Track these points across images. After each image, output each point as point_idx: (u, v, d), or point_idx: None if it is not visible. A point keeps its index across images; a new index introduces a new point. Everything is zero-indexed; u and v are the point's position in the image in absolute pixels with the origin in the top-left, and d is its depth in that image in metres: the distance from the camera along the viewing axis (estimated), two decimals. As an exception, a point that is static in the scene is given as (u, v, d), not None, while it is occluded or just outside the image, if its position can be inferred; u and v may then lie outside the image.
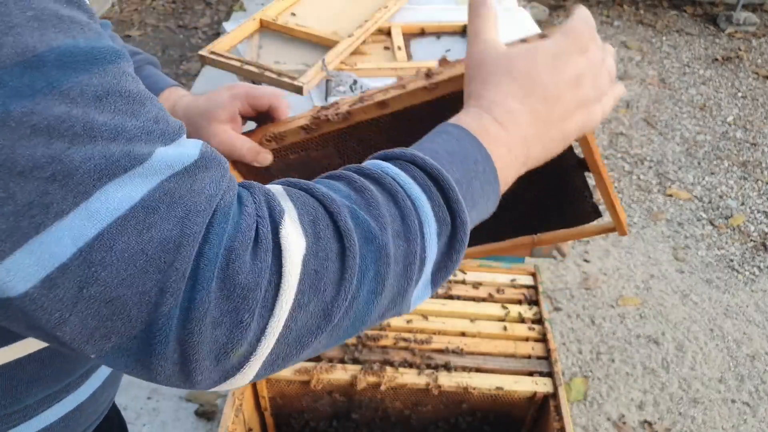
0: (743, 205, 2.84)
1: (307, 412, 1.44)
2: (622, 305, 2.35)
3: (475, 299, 1.55)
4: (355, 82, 1.50)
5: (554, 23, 4.10)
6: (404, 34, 1.79)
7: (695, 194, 2.88)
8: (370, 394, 1.36)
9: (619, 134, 3.23)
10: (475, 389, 1.33)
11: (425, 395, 1.36)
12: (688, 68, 3.81)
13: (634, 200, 2.84)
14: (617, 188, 2.87)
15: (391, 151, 0.51)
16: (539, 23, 3.52)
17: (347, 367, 1.34)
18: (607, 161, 3.03)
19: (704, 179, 2.97)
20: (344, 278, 0.43)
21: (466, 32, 1.45)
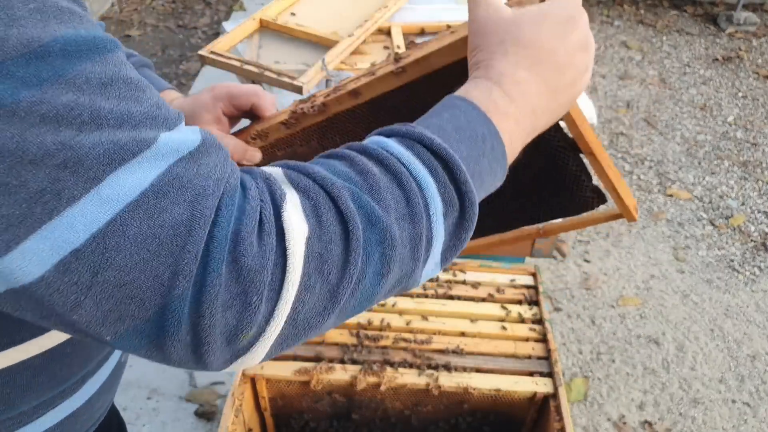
0: (744, 205, 2.83)
1: (307, 412, 1.44)
2: (622, 305, 2.35)
3: (475, 299, 1.54)
4: (355, 82, 1.50)
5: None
6: (404, 34, 1.79)
7: (696, 194, 2.88)
8: (370, 394, 1.36)
9: (619, 134, 3.23)
10: (475, 389, 1.32)
11: (425, 395, 1.36)
12: (688, 68, 3.81)
13: (634, 200, 2.84)
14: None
15: (397, 127, 0.50)
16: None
17: (347, 367, 1.34)
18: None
19: (705, 179, 2.97)
20: (349, 261, 0.43)
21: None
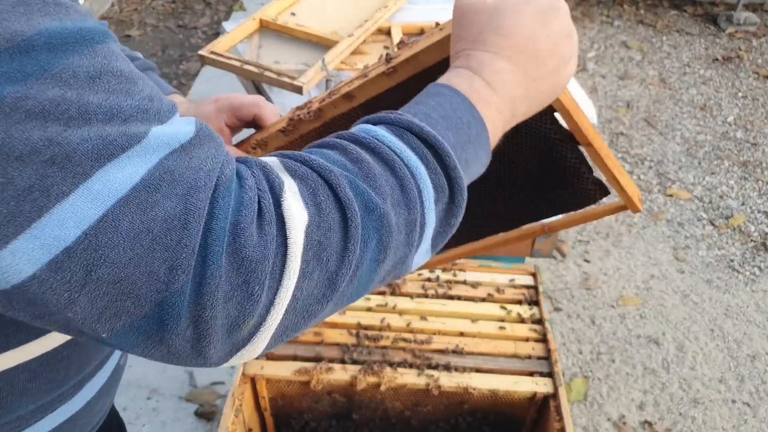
0: (744, 205, 2.83)
1: (307, 412, 1.44)
2: (622, 305, 2.35)
3: (474, 299, 1.54)
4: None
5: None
6: (404, 33, 1.79)
7: (696, 194, 2.88)
8: (370, 394, 1.36)
9: (619, 134, 3.23)
10: (475, 389, 1.32)
11: (425, 395, 1.36)
12: (688, 68, 3.81)
13: (634, 200, 2.83)
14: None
15: (385, 115, 0.50)
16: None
17: (347, 367, 1.34)
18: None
19: (705, 179, 2.97)
20: (347, 248, 0.43)
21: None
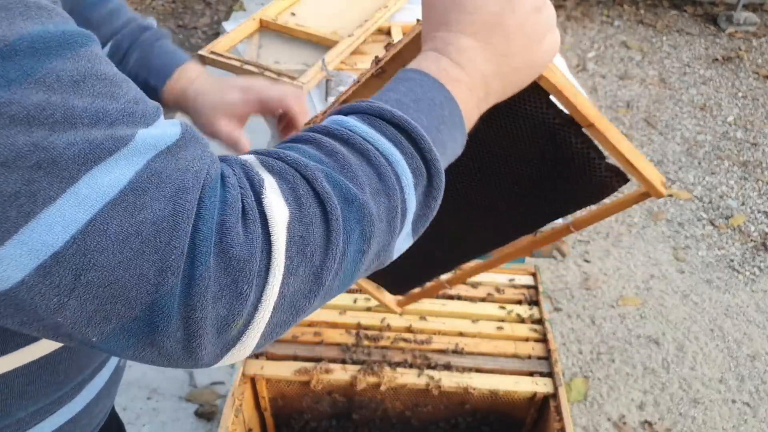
0: (744, 205, 2.83)
1: (307, 412, 1.44)
2: (622, 305, 2.35)
3: (474, 299, 1.54)
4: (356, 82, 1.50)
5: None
6: (404, 33, 1.79)
7: (696, 194, 2.88)
8: (370, 394, 1.36)
9: (619, 134, 3.23)
10: (475, 389, 1.32)
11: (425, 395, 1.36)
12: (688, 68, 3.81)
13: (634, 200, 2.83)
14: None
15: (356, 104, 0.50)
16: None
17: (347, 367, 1.34)
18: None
19: (704, 179, 2.97)
20: (330, 241, 0.43)
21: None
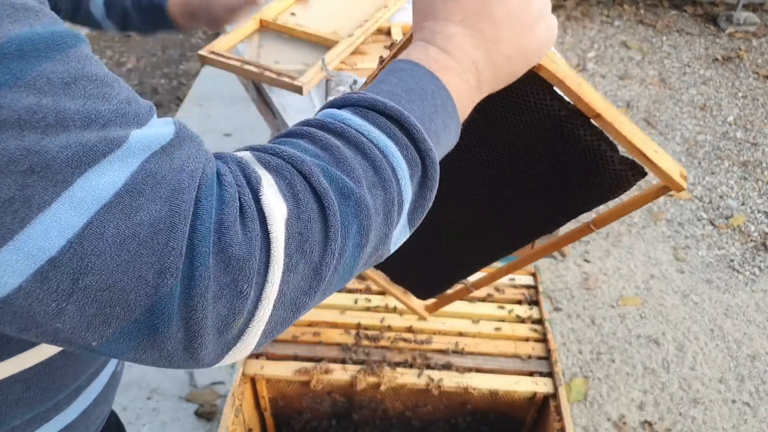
0: (744, 205, 2.83)
1: (307, 412, 1.44)
2: (622, 305, 2.35)
3: (474, 299, 1.54)
4: (355, 82, 1.50)
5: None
6: (404, 33, 1.79)
7: (696, 194, 2.88)
8: (370, 394, 1.36)
9: (619, 134, 3.23)
10: (475, 389, 1.33)
11: (425, 395, 1.36)
12: (688, 68, 3.81)
13: (634, 200, 2.83)
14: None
15: (349, 96, 0.50)
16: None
17: (347, 367, 1.34)
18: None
19: (705, 179, 2.97)
20: (329, 237, 0.43)
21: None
